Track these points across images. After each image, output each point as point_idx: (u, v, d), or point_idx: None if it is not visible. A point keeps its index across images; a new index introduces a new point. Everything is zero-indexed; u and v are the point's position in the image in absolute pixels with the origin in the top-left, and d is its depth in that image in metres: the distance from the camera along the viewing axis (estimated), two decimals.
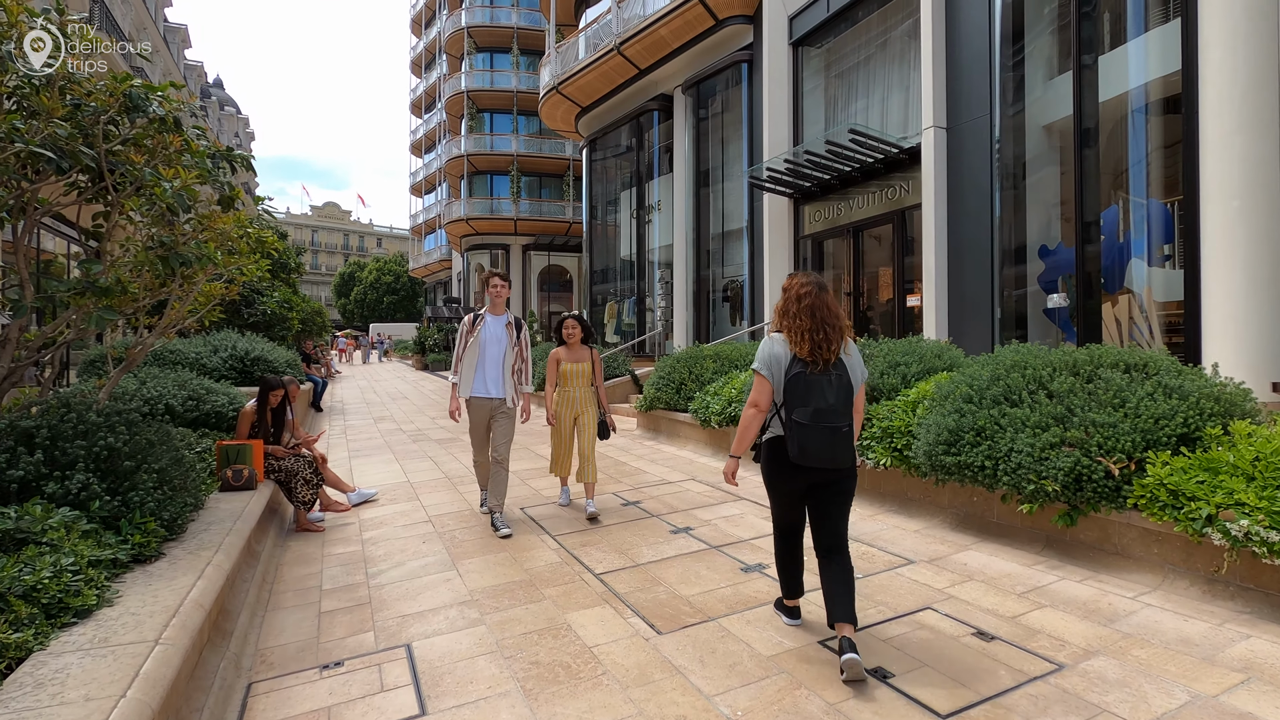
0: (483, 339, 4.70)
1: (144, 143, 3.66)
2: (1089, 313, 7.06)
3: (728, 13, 12.69)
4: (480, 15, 30.76)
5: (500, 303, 4.78)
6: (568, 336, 5.08)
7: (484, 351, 4.69)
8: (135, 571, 2.74)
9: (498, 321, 4.76)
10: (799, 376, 2.59)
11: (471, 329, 4.72)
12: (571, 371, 4.99)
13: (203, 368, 8.21)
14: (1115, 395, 3.53)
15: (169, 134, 3.57)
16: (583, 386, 5.01)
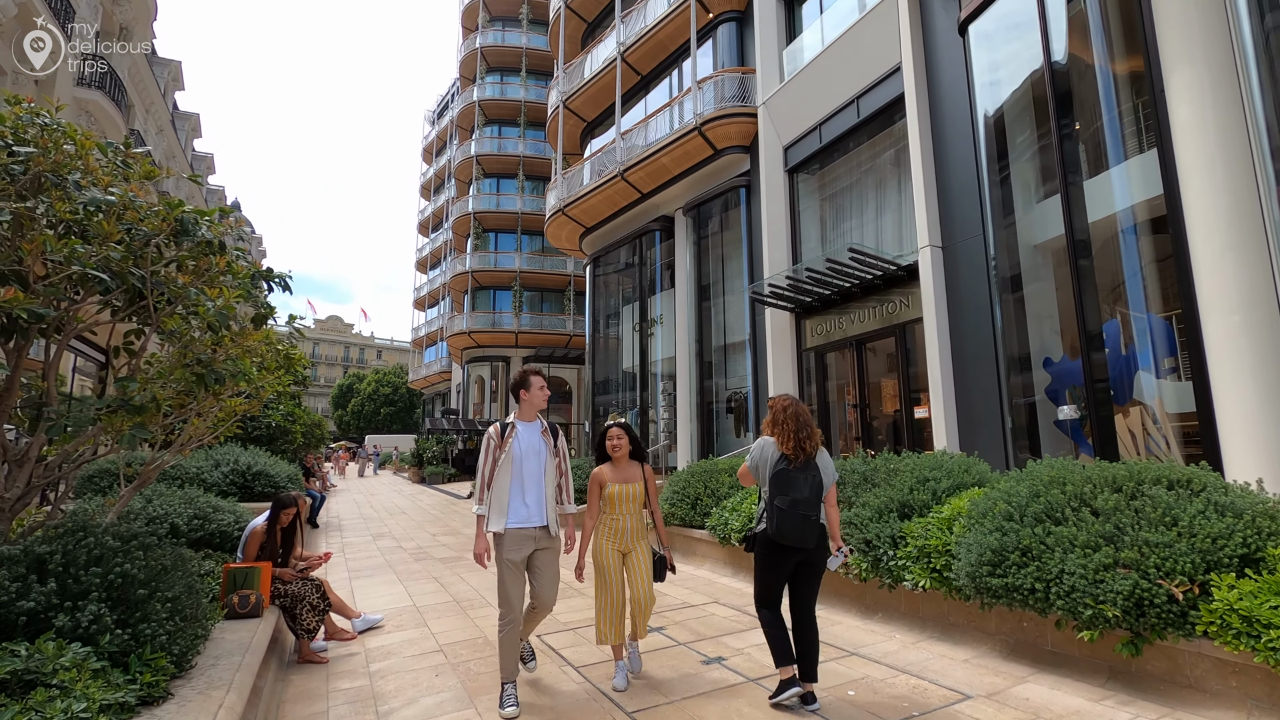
0: (517, 453, 3.73)
1: (187, 264, 3.76)
2: (1102, 425, 7.05)
3: (725, 144, 13.60)
4: (489, 145, 32.88)
5: (536, 408, 3.90)
6: (613, 450, 4.06)
7: (520, 468, 3.72)
8: (143, 715, 2.51)
9: (531, 430, 3.86)
10: (782, 471, 3.46)
11: (501, 442, 3.75)
12: (620, 495, 3.95)
13: (203, 483, 8.00)
14: (1164, 513, 3.44)
15: (214, 255, 3.67)
16: (634, 513, 3.98)
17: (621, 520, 3.96)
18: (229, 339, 3.93)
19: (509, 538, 3.66)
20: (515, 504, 3.70)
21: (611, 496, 3.96)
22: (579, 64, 18.87)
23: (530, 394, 3.87)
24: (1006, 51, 8.30)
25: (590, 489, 4.04)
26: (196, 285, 3.50)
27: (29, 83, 11.78)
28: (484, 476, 3.74)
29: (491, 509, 3.69)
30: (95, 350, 13.90)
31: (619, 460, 4.08)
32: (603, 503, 3.98)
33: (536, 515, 3.73)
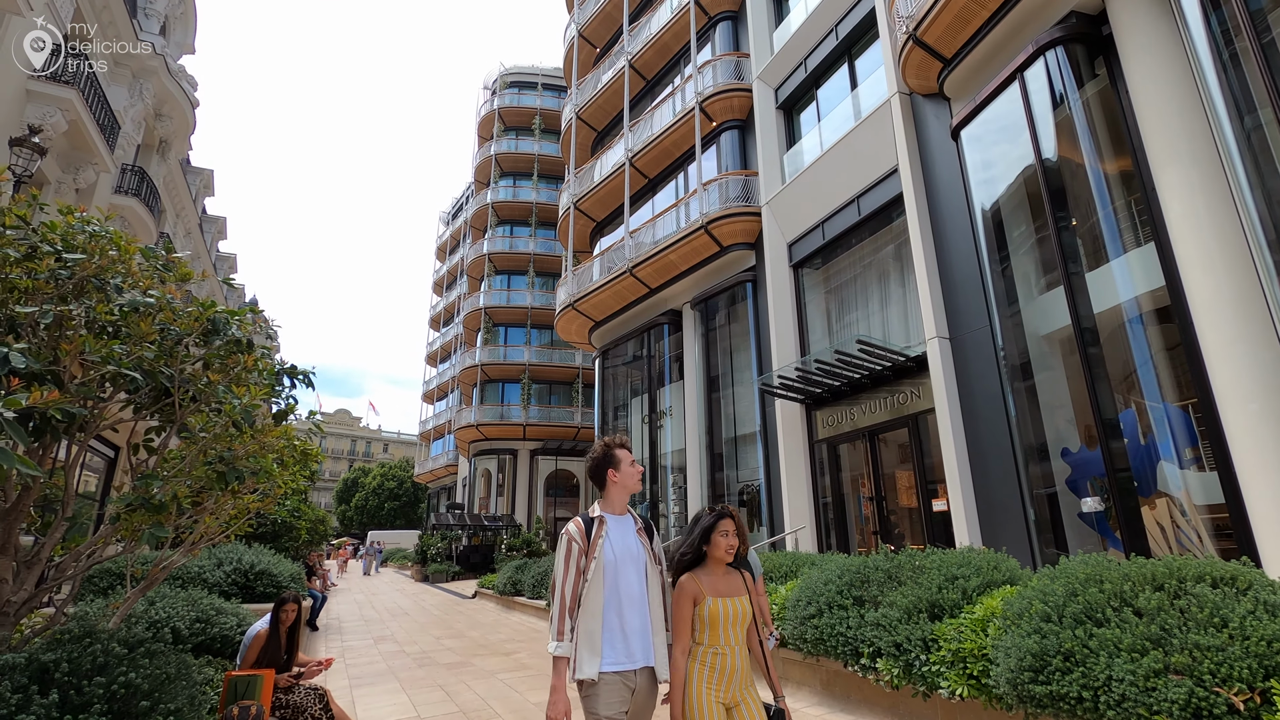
0: (609, 559, 2.68)
1: (213, 362, 3.84)
2: (1128, 517, 6.86)
3: (731, 241, 14.08)
4: (501, 244, 34.14)
5: (629, 491, 2.86)
6: (727, 551, 2.73)
7: (616, 583, 2.66)
8: None
9: (623, 527, 2.79)
10: None
11: (588, 545, 2.70)
12: (724, 616, 2.64)
13: (205, 583, 7.78)
14: (1212, 614, 3.28)
15: (242, 354, 3.75)
16: (741, 643, 2.71)
17: (726, 656, 2.63)
18: (249, 435, 3.95)
19: (605, 688, 2.53)
20: (611, 636, 2.61)
21: (712, 618, 2.63)
22: (589, 169, 19.89)
23: (621, 474, 2.82)
24: (998, 152, 8.72)
25: (677, 608, 2.67)
26: (224, 383, 3.55)
27: (70, 190, 12.45)
28: (565, 597, 2.62)
29: (580, 645, 2.56)
30: (105, 446, 13.92)
31: (717, 563, 2.76)
32: (698, 627, 2.67)
33: (640, 652, 2.62)
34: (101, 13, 13.15)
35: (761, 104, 14.05)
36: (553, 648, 2.59)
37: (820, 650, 5.49)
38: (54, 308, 3.05)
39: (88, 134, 11.57)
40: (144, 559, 6.22)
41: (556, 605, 2.64)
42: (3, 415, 2.04)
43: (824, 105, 12.84)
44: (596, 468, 2.87)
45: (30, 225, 3.30)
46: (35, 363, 2.73)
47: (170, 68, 15.65)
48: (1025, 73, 8.01)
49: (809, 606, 5.68)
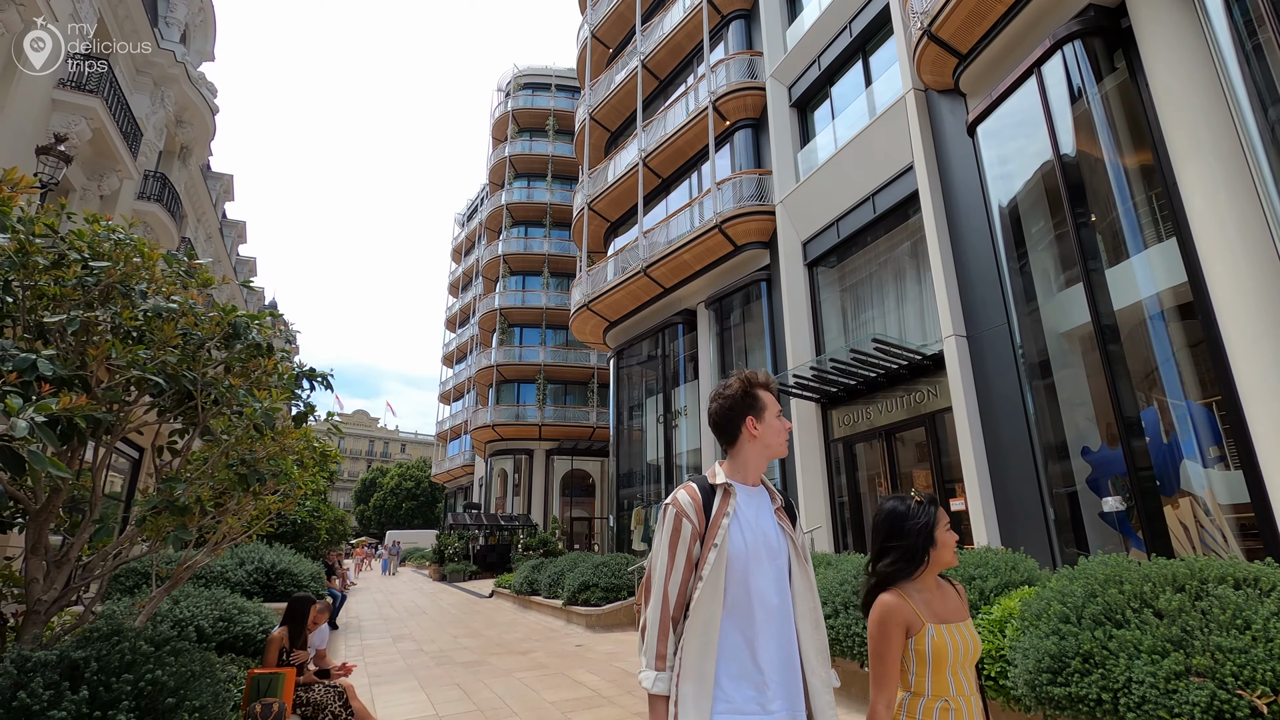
0: (738, 549, 1.83)
1: (235, 365, 3.91)
2: (1151, 517, 6.76)
3: (745, 240, 14.05)
4: (516, 245, 34.32)
5: (770, 456, 2.01)
6: (949, 552, 2.05)
7: (746, 585, 1.81)
8: None
9: (758, 504, 1.95)
10: None
11: (708, 523, 1.86)
12: (952, 651, 1.92)
13: (228, 582, 7.91)
14: (1235, 616, 3.24)
15: (263, 358, 3.81)
16: (975, 691, 1.99)
17: (962, 712, 1.91)
18: (270, 437, 4.02)
19: None
20: (735, 668, 1.75)
21: (938, 655, 1.88)
22: (603, 169, 19.93)
23: (765, 428, 1.96)
24: (1015, 146, 8.62)
25: (883, 641, 1.90)
26: (245, 386, 3.62)
27: (94, 197, 12.71)
28: (669, 600, 1.79)
29: (684, 678, 1.72)
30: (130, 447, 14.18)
31: (931, 574, 2.03)
32: (915, 669, 1.91)
33: (783, 699, 1.76)
34: (124, 22, 13.40)
35: (775, 102, 14.00)
36: (646, 680, 1.75)
37: (837, 651, 5.48)
38: (81, 314, 3.13)
39: (111, 141, 11.80)
40: (169, 559, 6.35)
41: (653, 612, 1.78)
42: (34, 420, 2.11)
43: (838, 103, 12.77)
44: (727, 414, 1.98)
45: (58, 234, 3.39)
46: (63, 368, 2.81)
47: (191, 75, 15.91)
48: (1042, 67, 7.91)
49: (825, 607, 5.67)
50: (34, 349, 2.91)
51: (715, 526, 1.83)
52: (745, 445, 1.98)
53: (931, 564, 2.02)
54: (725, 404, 2.00)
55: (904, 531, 2.03)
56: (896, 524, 2.06)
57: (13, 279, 3.12)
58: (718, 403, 2.03)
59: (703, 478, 1.97)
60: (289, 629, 4.70)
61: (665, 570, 1.82)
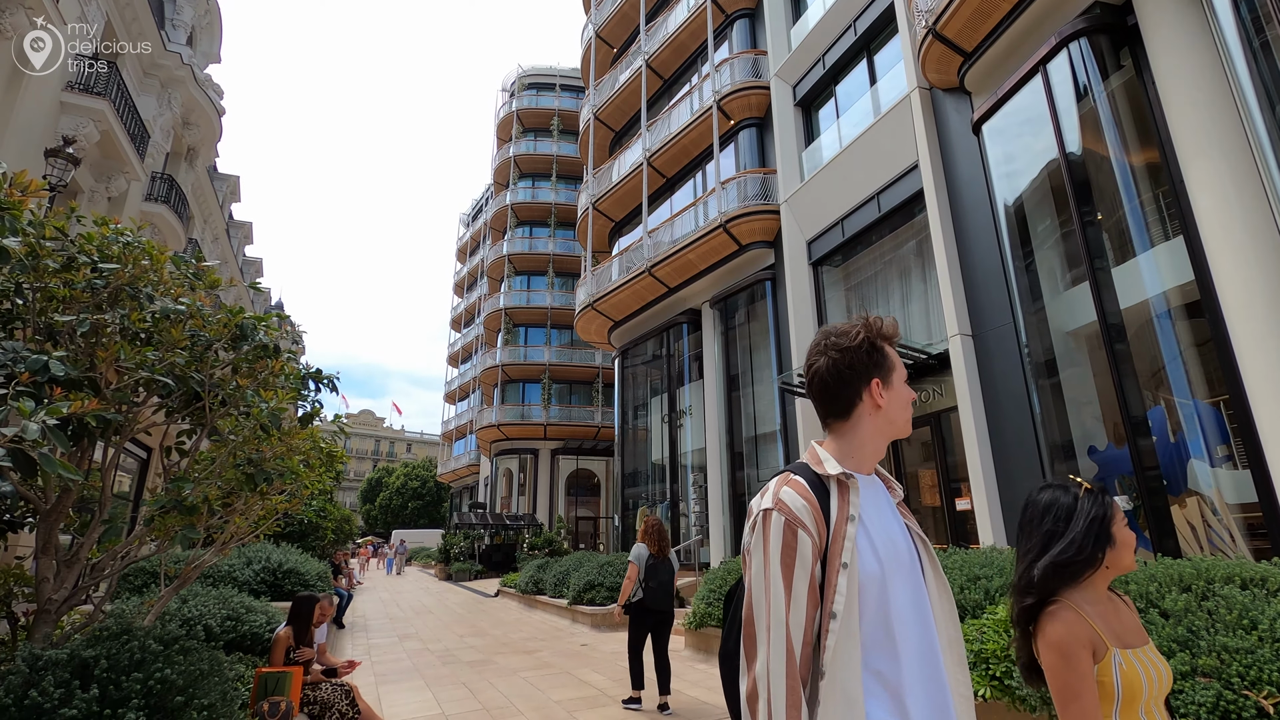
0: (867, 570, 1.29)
1: (242, 366, 3.94)
2: (1158, 517, 6.73)
3: (750, 239, 14.04)
4: (520, 245, 34.38)
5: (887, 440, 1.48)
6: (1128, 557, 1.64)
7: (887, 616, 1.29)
8: None
9: (877, 497, 1.43)
10: (653, 565, 5.97)
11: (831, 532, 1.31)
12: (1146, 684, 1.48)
13: (235, 581, 7.97)
14: (1241, 616, 3.23)
15: (270, 359, 3.84)
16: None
17: None
18: (276, 438, 4.05)
19: None
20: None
21: (1130, 690, 1.49)
22: (607, 169, 19.95)
23: (891, 395, 1.47)
24: (1020, 145, 8.59)
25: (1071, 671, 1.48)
26: (252, 387, 3.65)
27: (102, 199, 12.80)
28: (792, 651, 1.23)
29: None
30: (139, 447, 14.28)
31: (1101, 583, 1.64)
32: None
33: None
34: (130, 24, 13.48)
35: (779, 101, 13.98)
36: None
37: None
38: (90, 316, 3.16)
39: (119, 144, 11.88)
40: (177, 558, 6.39)
41: (772, 671, 1.21)
42: (46, 423, 2.13)
43: (843, 101, 12.75)
44: (844, 374, 1.45)
45: (67, 236, 3.42)
46: (73, 370, 2.84)
47: (197, 77, 16.00)
48: (1048, 65, 7.88)
49: None
50: (45, 351, 2.94)
51: (838, 537, 1.30)
52: (864, 419, 1.45)
53: (1108, 569, 1.60)
54: (842, 360, 1.44)
55: (1069, 528, 1.62)
56: (1059, 517, 1.65)
57: (24, 282, 3.15)
58: (829, 357, 1.46)
59: (803, 465, 1.43)
60: (294, 628, 4.73)
61: (783, 607, 1.24)
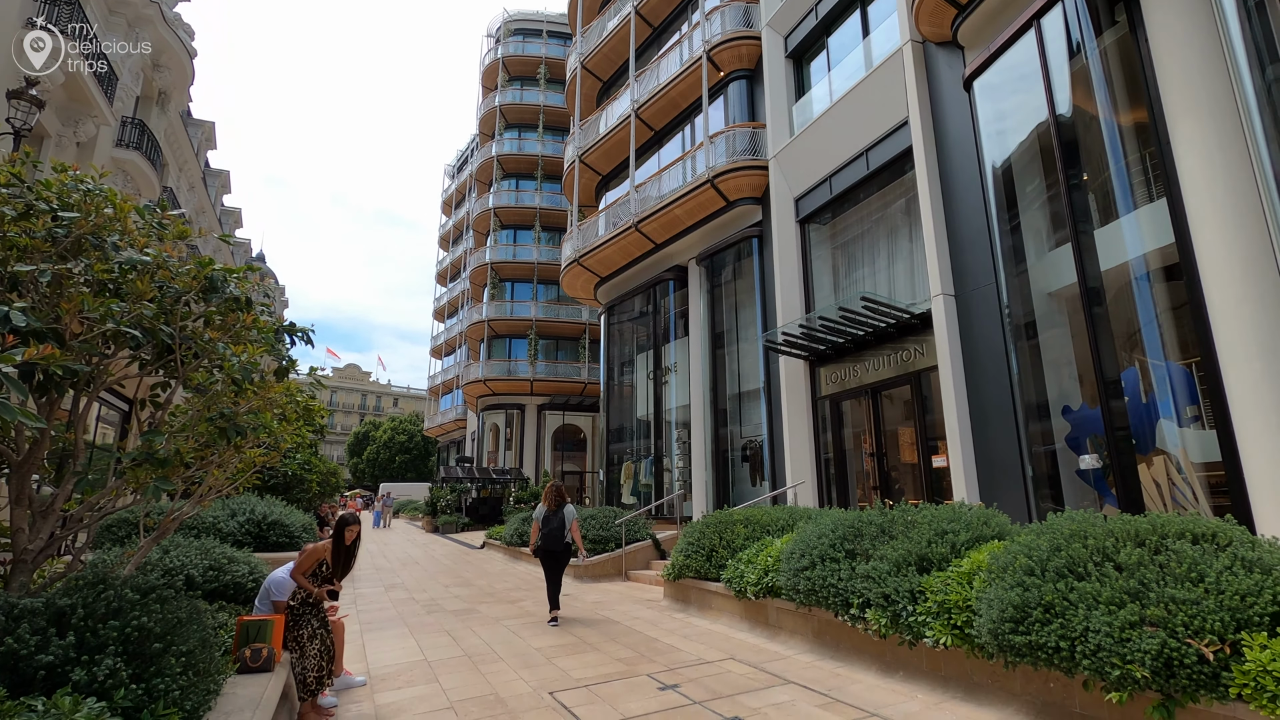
0: None
1: (214, 319, 3.89)
2: (1125, 475, 6.91)
3: (737, 195, 13.88)
4: (506, 198, 33.79)
5: None
6: None
7: None
8: None
9: None
10: (546, 517, 7.75)
11: None
12: None
13: (219, 532, 8.03)
14: (1190, 569, 3.35)
15: (241, 312, 3.79)
16: None
17: None
18: (251, 391, 4.03)
19: None
20: None
21: None
22: (594, 120, 19.50)
23: None
24: (1012, 102, 8.49)
25: None
26: (224, 340, 3.61)
27: (70, 145, 12.38)
28: None
29: None
30: (120, 400, 14.18)
31: None
32: None
33: None
34: None
35: (770, 52, 13.64)
36: None
37: (812, 601, 5.65)
38: (52, 266, 3.09)
39: (85, 85, 11.43)
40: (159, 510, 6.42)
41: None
42: (2, 370, 2.11)
43: (834, 54, 12.46)
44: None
45: (25, 183, 3.32)
46: (36, 320, 2.79)
47: (166, 16, 15.32)
48: (1042, 19, 7.73)
49: (802, 559, 5.82)
50: (6, 300, 2.88)
51: None
52: None
53: None
54: None
55: None
56: None
57: None
58: None
59: None
60: (334, 547, 4.75)
61: None
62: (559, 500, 7.83)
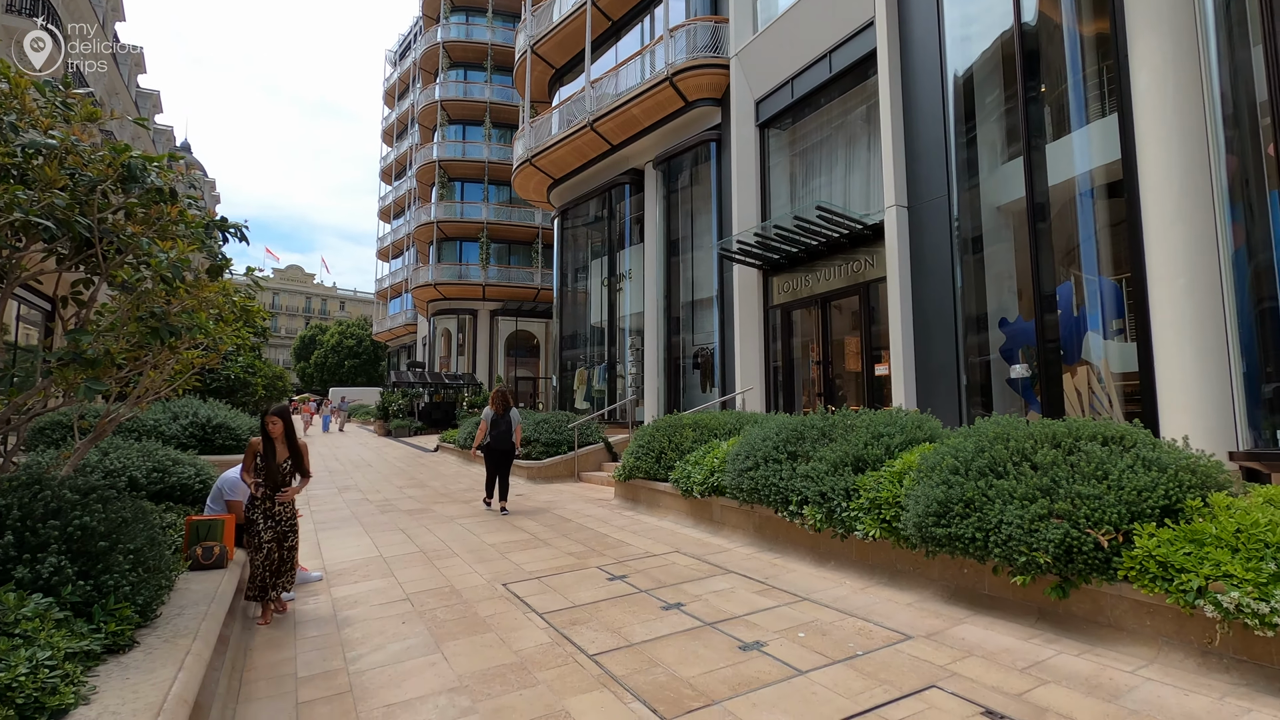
0: None
1: (137, 212, 3.63)
2: (1050, 383, 7.34)
3: (697, 95, 13.38)
4: (454, 90, 31.74)
5: None
6: None
7: None
8: (109, 663, 2.54)
9: None
10: (495, 419, 8.33)
11: None
12: None
13: (161, 436, 7.87)
14: (1097, 468, 3.66)
15: (165, 204, 3.55)
16: None
17: None
18: (184, 291, 3.84)
19: None
20: None
21: None
22: (548, 6, 18.20)
23: None
24: (978, 7, 8.27)
25: None
26: (148, 235, 3.39)
27: None
28: None
29: None
30: (40, 298, 13.35)
31: None
32: None
33: None
34: None
35: None
36: None
37: (755, 499, 5.96)
38: None
39: None
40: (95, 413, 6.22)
41: None
42: None
43: None
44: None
45: None
46: None
47: None
48: None
49: (747, 460, 6.09)
50: None
51: None
52: None
53: None
54: None
55: None
56: None
57: None
58: None
59: None
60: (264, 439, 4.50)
61: None
62: (505, 405, 8.45)
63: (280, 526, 4.48)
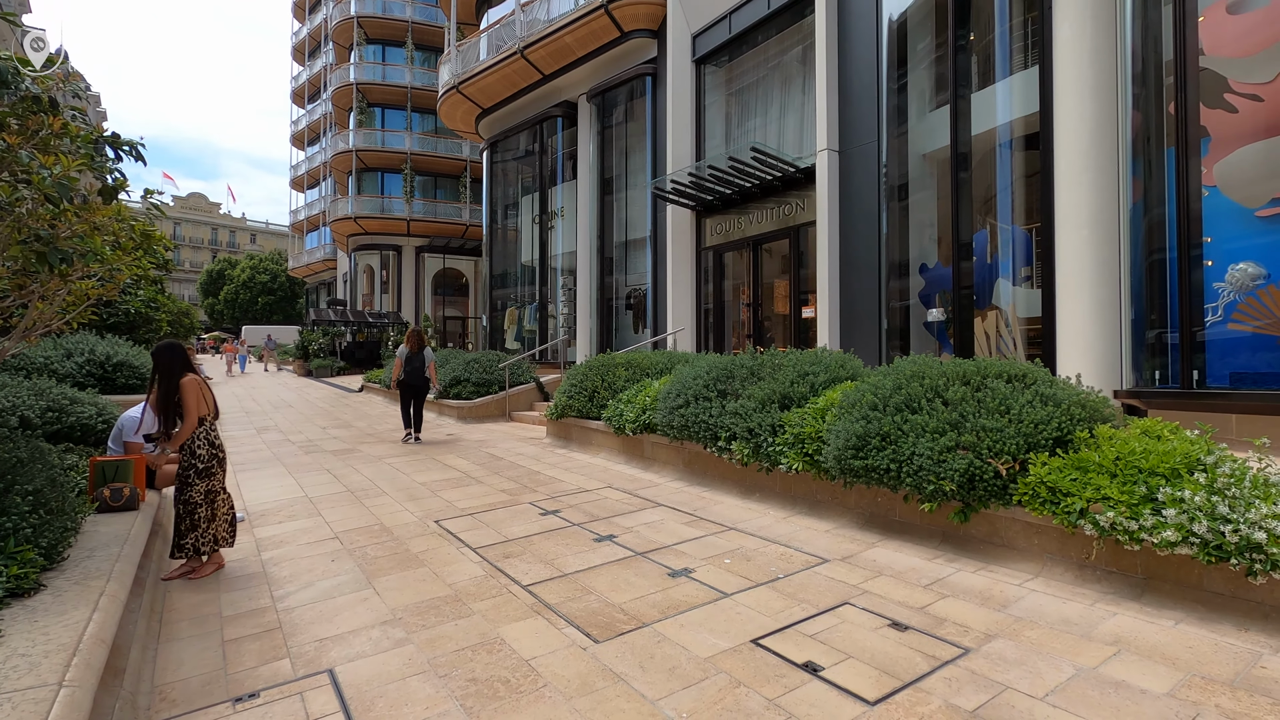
0: None
1: (10, 123, 3.25)
2: (963, 327, 7.76)
3: (633, 25, 12.92)
4: (372, 6, 29.44)
5: None
6: None
7: None
8: (14, 608, 2.42)
9: None
10: (409, 357, 9.18)
11: None
12: None
13: (54, 373, 7.30)
14: (1001, 403, 3.94)
15: (45, 114, 3.19)
16: None
17: None
18: (72, 213, 3.51)
19: None
20: None
21: None
22: None
23: None
24: None
25: None
26: (26, 149, 3.06)
27: None
28: None
29: None
30: None
31: None
32: None
33: None
34: None
35: None
36: None
37: (685, 435, 6.13)
38: None
39: None
40: None
41: None
42: None
43: None
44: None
45: None
46: None
47: None
48: None
49: (679, 398, 6.22)
50: None
51: None
52: None
53: None
54: None
55: None
56: None
57: None
58: None
59: None
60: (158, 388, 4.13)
61: None
62: (420, 343, 9.33)
63: None
